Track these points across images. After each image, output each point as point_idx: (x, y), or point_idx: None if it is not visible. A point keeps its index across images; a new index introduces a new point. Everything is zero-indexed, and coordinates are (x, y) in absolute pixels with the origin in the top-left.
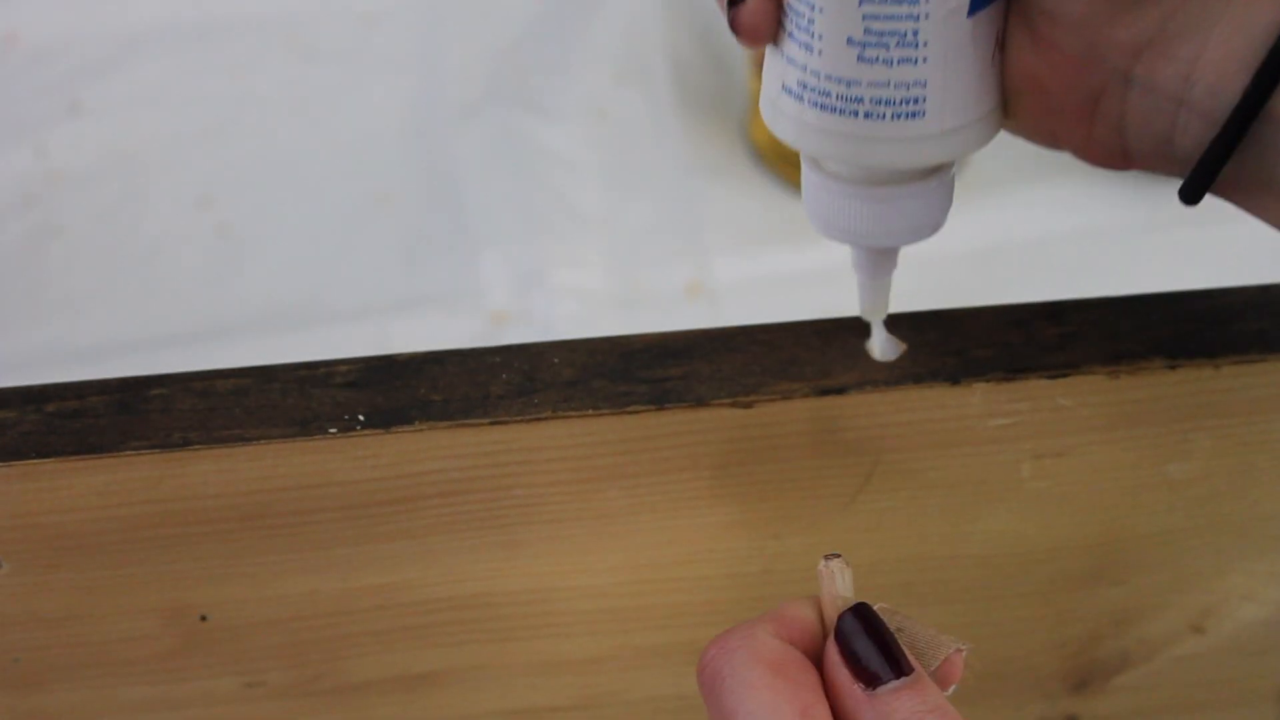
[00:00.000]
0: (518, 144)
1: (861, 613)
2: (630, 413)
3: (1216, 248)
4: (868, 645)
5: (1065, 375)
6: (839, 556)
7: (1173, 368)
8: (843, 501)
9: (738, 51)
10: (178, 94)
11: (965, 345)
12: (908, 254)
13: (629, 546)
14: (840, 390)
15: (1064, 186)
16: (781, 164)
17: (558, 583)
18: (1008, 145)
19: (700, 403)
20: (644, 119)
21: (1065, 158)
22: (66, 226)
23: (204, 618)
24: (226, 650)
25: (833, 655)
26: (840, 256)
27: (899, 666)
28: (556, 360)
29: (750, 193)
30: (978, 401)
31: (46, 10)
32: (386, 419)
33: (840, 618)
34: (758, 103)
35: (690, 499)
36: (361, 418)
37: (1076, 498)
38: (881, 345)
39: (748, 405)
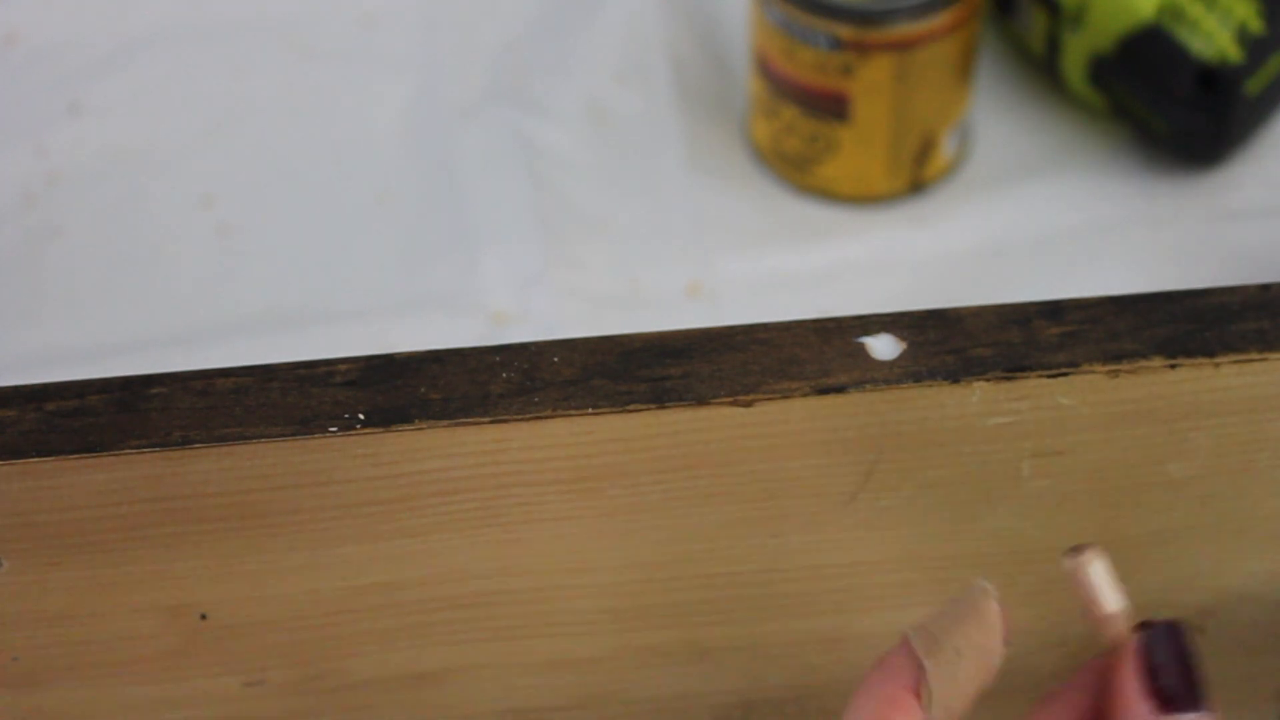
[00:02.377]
0: (518, 144)
1: (1175, 629)
2: (630, 412)
3: (1216, 248)
4: (1173, 663)
5: (1065, 374)
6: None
7: (1173, 367)
8: (843, 501)
9: (738, 51)
10: (178, 94)
11: (965, 344)
12: (908, 253)
13: (629, 545)
14: (840, 389)
15: (1064, 184)
16: (781, 164)
17: (558, 581)
18: (1007, 144)
19: (700, 402)
20: (644, 119)
21: (1064, 155)
22: (66, 226)
23: (204, 616)
24: (226, 649)
25: (1130, 662)
26: (840, 256)
27: (1197, 699)
28: (556, 359)
29: (750, 193)
30: (977, 400)
31: (46, 10)
32: (387, 418)
33: (1153, 626)
34: (758, 103)
35: (690, 498)
36: (362, 416)
37: (1076, 497)
38: (881, 344)
39: (748, 404)
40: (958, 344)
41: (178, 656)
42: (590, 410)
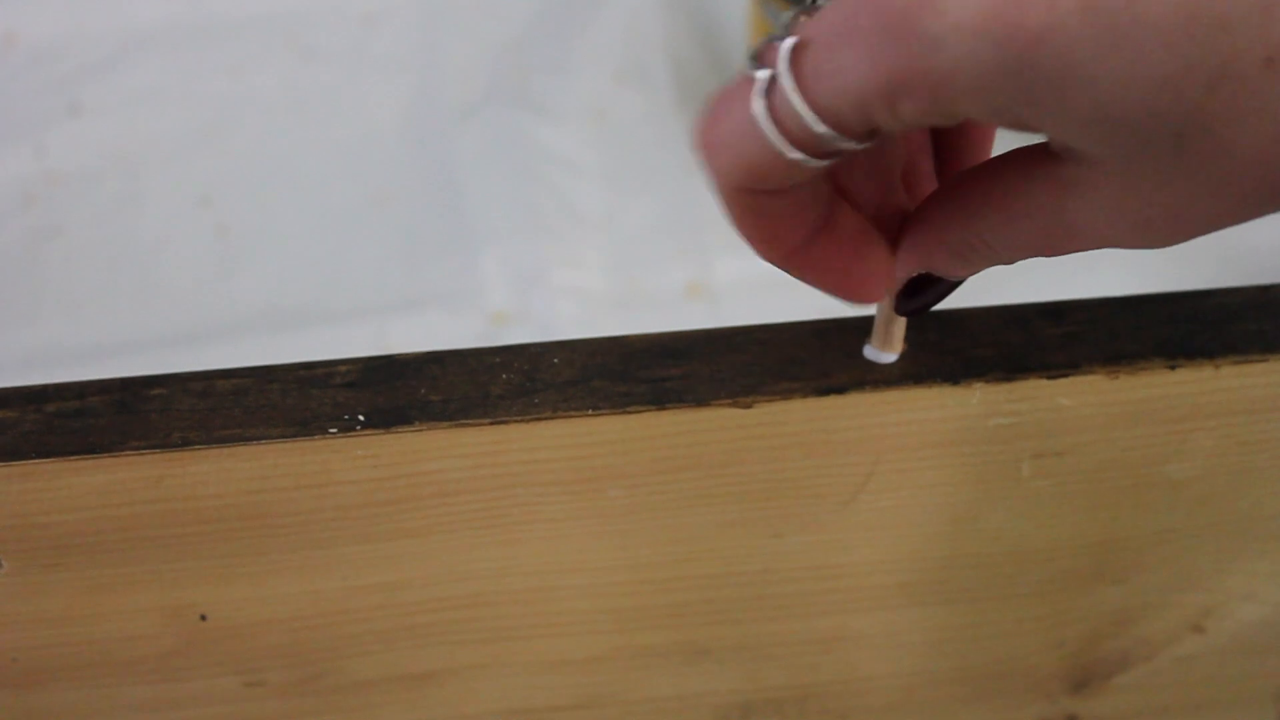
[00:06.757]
0: (518, 144)
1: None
2: (630, 413)
3: (1216, 248)
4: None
5: (1065, 375)
6: None
7: (1173, 368)
8: (843, 501)
9: (738, 51)
10: (178, 94)
11: (965, 345)
12: None
13: (629, 546)
14: (840, 390)
15: None
16: None
17: (558, 582)
18: (1008, 144)
19: (700, 403)
20: (644, 119)
21: None
22: (66, 226)
23: (204, 617)
24: (226, 650)
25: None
26: None
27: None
28: (556, 360)
29: None
30: (978, 401)
31: (46, 10)
32: (386, 419)
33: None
34: None
35: (690, 498)
36: (361, 418)
37: (1076, 497)
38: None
39: (748, 405)
40: (958, 344)
41: (178, 656)
42: (590, 411)
